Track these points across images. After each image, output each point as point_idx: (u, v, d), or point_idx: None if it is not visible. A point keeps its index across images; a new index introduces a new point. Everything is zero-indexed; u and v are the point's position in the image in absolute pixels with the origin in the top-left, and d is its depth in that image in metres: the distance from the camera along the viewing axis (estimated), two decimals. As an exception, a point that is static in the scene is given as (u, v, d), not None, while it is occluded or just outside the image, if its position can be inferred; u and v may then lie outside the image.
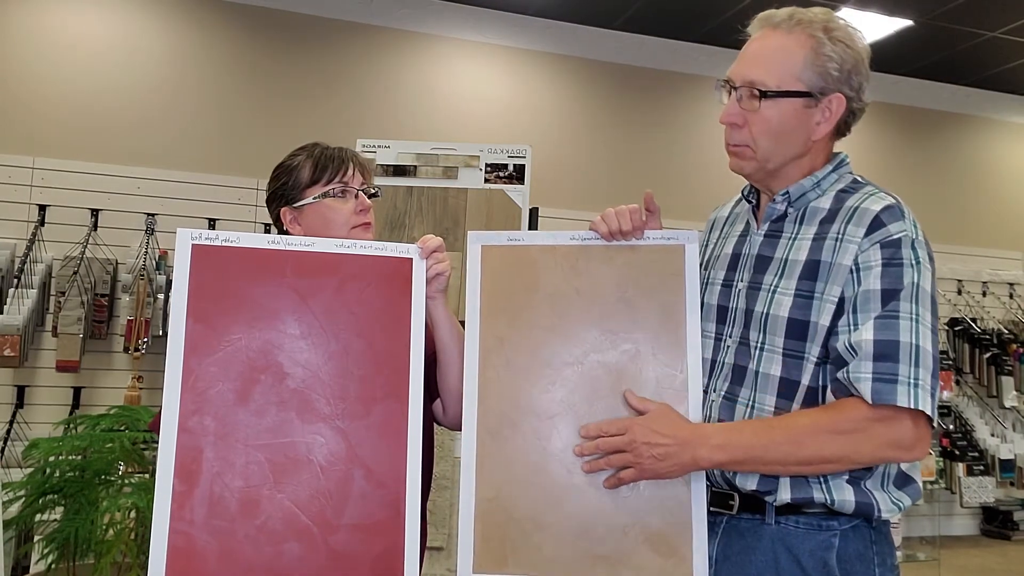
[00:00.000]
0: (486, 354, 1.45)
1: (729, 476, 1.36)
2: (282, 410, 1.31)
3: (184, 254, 1.33)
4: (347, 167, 1.54)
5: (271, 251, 1.36)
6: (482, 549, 1.38)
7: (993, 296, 6.08)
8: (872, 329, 1.24)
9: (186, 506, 1.25)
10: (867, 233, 1.29)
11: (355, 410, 1.33)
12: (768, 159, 1.38)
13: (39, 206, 4.25)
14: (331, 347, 1.35)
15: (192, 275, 1.32)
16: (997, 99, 6.39)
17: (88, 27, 4.51)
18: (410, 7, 5.09)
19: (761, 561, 1.32)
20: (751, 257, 1.42)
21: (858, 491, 1.29)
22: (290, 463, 1.29)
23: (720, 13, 5.17)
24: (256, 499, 1.27)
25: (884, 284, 1.26)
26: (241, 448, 1.28)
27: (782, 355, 1.33)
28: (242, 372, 1.31)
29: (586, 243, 1.48)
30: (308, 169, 1.54)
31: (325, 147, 1.58)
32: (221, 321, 1.31)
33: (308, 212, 1.54)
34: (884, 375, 1.22)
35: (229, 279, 1.33)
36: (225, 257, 1.34)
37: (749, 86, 1.35)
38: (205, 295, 1.32)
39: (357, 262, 1.39)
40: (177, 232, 1.34)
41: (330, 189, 1.53)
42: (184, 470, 1.26)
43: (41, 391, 4.17)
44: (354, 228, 1.51)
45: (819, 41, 1.34)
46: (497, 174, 2.91)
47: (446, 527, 2.46)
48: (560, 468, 1.39)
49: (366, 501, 1.30)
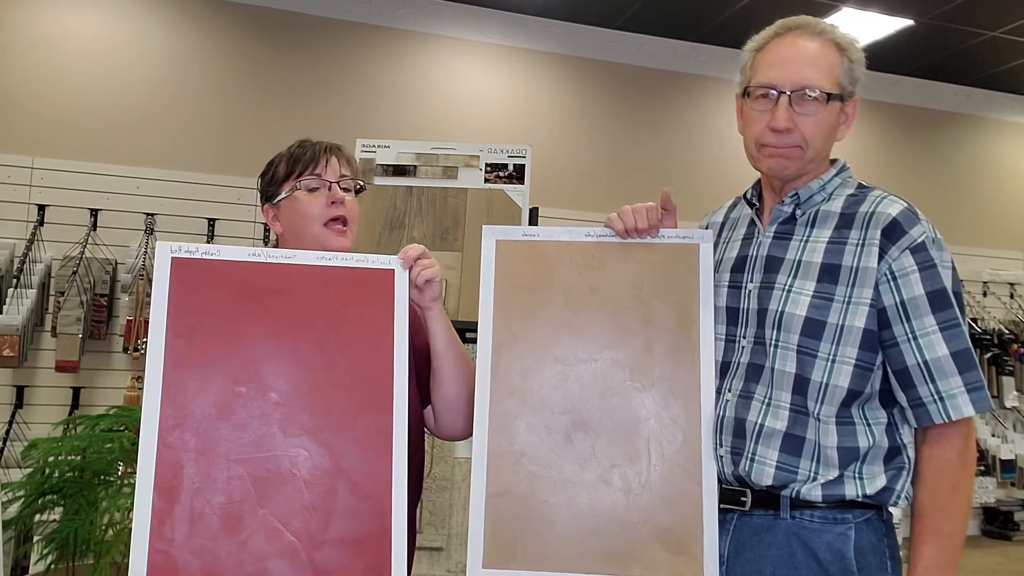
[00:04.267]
0: (499, 349, 1.45)
1: (741, 473, 1.37)
2: (264, 424, 1.28)
3: (164, 268, 1.31)
4: (319, 159, 1.49)
5: (252, 264, 1.34)
6: (492, 545, 1.38)
7: (994, 296, 6.08)
8: (943, 343, 1.31)
9: (166, 523, 1.22)
10: (890, 238, 1.33)
11: (339, 423, 1.30)
12: (813, 159, 1.42)
13: (38, 206, 4.24)
14: (314, 360, 1.32)
15: (172, 289, 1.30)
16: (997, 99, 6.39)
17: (88, 27, 4.50)
18: (410, 7, 5.08)
19: (776, 556, 1.34)
20: (761, 258, 1.44)
21: (888, 476, 1.35)
22: (273, 478, 1.26)
23: (720, 13, 5.16)
24: (238, 515, 1.24)
25: (926, 288, 1.32)
26: (223, 463, 1.26)
27: (796, 352, 1.36)
28: (223, 386, 1.29)
29: (601, 240, 1.48)
30: (284, 163, 1.51)
31: (306, 141, 1.54)
32: (201, 335, 1.29)
33: (284, 207, 1.50)
34: (973, 385, 1.30)
35: (209, 292, 1.31)
36: (205, 270, 1.32)
37: (807, 88, 1.38)
38: (185, 309, 1.30)
39: (339, 274, 1.37)
40: (157, 246, 1.33)
41: (301, 182, 1.48)
42: (164, 486, 1.23)
43: (40, 391, 4.16)
44: (328, 223, 1.46)
45: (847, 49, 1.41)
46: (497, 174, 2.91)
47: (446, 527, 2.46)
48: (571, 464, 1.40)
49: (351, 515, 1.27)
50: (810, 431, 1.35)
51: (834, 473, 1.33)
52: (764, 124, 1.40)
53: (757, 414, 1.38)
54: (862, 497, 1.33)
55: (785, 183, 1.45)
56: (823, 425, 1.34)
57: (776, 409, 1.37)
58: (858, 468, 1.34)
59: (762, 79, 1.41)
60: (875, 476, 1.34)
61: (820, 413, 1.34)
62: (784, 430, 1.36)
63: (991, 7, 4.93)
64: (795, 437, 1.35)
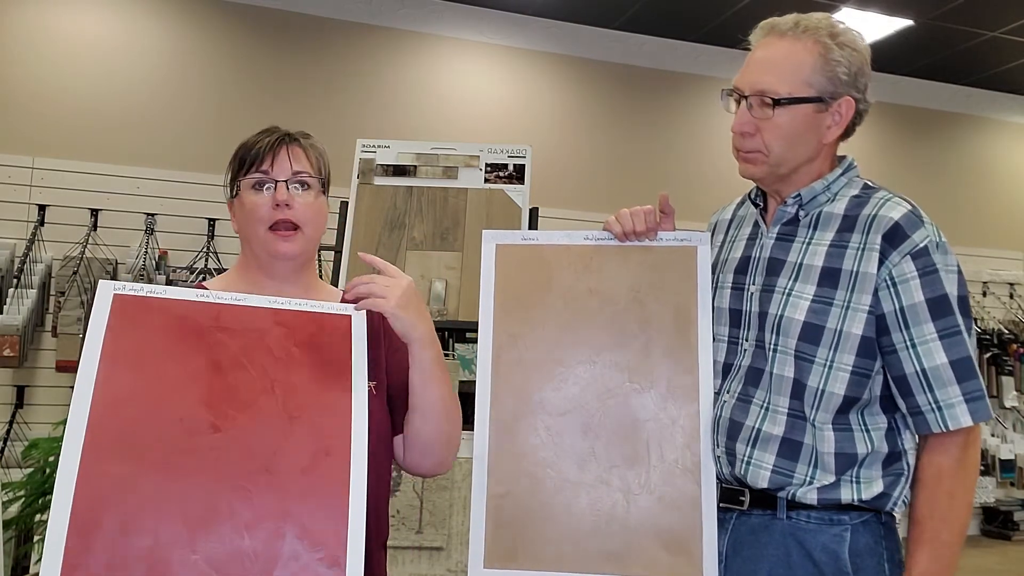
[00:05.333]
0: (499, 351, 1.46)
1: (739, 473, 1.38)
2: (203, 462, 1.14)
3: (104, 305, 1.21)
4: (265, 155, 1.33)
5: (199, 303, 1.24)
6: (493, 544, 1.39)
7: (993, 296, 6.09)
8: (942, 351, 1.29)
9: (80, 567, 1.06)
10: (891, 243, 1.31)
11: (287, 465, 1.17)
12: (780, 164, 1.40)
13: (39, 206, 4.24)
14: (262, 401, 1.20)
15: (110, 325, 1.19)
16: (997, 99, 6.39)
17: (88, 27, 4.50)
18: (410, 7, 5.09)
19: (773, 556, 1.34)
20: (763, 260, 1.44)
21: (886, 481, 1.34)
22: (208, 519, 1.12)
23: (720, 13, 5.16)
24: (166, 560, 1.09)
25: (927, 294, 1.30)
26: (151, 502, 1.11)
27: (794, 357, 1.35)
28: (158, 424, 1.16)
29: (600, 243, 1.49)
30: (236, 156, 1.38)
31: (265, 131, 1.41)
32: (139, 373, 1.18)
33: (236, 205, 1.37)
34: (972, 394, 1.29)
35: (150, 331, 1.21)
36: (148, 308, 1.22)
37: (760, 94, 1.36)
38: (122, 345, 1.19)
39: (292, 316, 1.27)
40: (99, 284, 1.24)
41: (246, 180, 1.33)
42: (81, 524, 1.07)
43: (41, 391, 4.17)
44: (273, 228, 1.30)
45: (827, 47, 1.36)
46: (497, 174, 2.91)
47: (446, 527, 2.46)
48: (571, 464, 1.41)
49: (299, 563, 1.13)
50: (807, 436, 1.34)
51: (831, 478, 1.33)
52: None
53: (755, 418, 1.38)
54: (858, 501, 1.32)
55: (775, 186, 1.44)
56: (819, 431, 1.34)
57: (774, 414, 1.37)
58: (855, 473, 1.33)
59: (734, 81, 1.42)
60: (872, 481, 1.33)
61: (816, 419, 1.34)
62: (782, 435, 1.35)
63: (991, 7, 4.93)
64: (792, 442, 1.35)
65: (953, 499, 1.29)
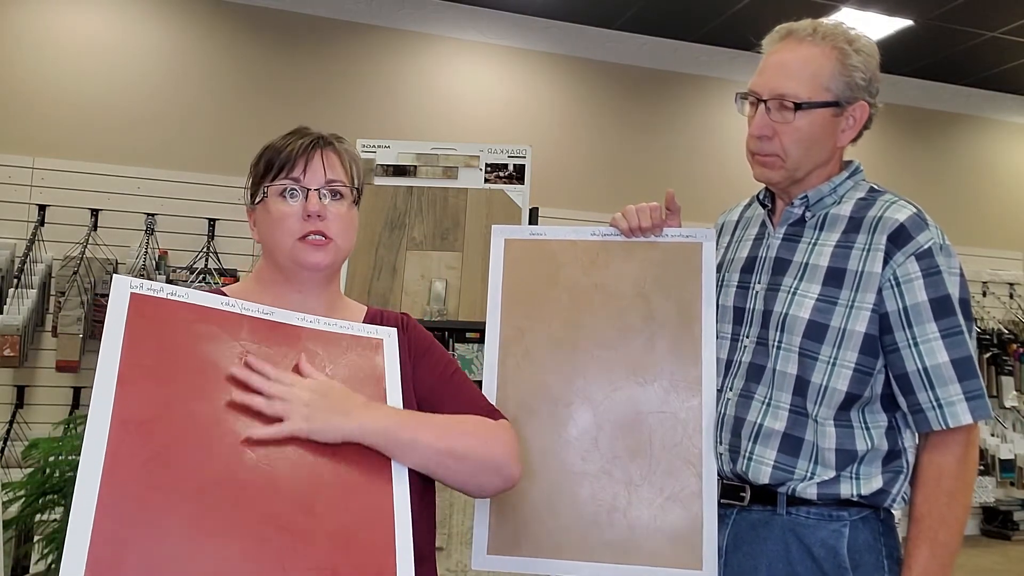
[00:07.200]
0: (506, 343, 1.49)
1: (741, 470, 1.39)
2: (233, 492, 1.00)
3: (120, 306, 1.06)
4: (297, 161, 1.22)
5: (225, 312, 1.12)
6: (496, 532, 1.42)
7: (993, 296, 6.09)
8: (944, 350, 1.30)
9: None
10: (896, 244, 1.33)
11: (329, 495, 1.05)
12: (797, 168, 1.42)
13: (39, 206, 4.24)
14: None
15: (129, 331, 1.04)
16: (997, 99, 6.39)
17: (88, 27, 4.50)
18: (410, 7, 5.09)
19: (772, 550, 1.36)
20: (769, 260, 1.46)
21: (885, 478, 1.35)
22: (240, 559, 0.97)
23: (720, 13, 5.17)
24: None
25: (930, 294, 1.31)
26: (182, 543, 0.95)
27: (798, 354, 1.37)
28: (186, 451, 1.00)
29: (606, 239, 1.52)
30: (263, 159, 1.25)
31: (296, 131, 1.29)
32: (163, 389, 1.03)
33: (259, 212, 1.25)
34: (972, 393, 1.30)
35: (173, 340, 1.07)
36: (170, 313, 1.08)
37: (780, 98, 1.38)
38: (143, 357, 1.04)
39: (324, 338, 1.18)
40: (113, 279, 1.09)
41: (273, 187, 1.22)
42: (99, 568, 0.90)
43: (41, 391, 4.16)
44: (303, 240, 1.19)
45: (844, 52, 1.39)
46: (497, 174, 2.91)
47: (446, 527, 2.47)
48: (574, 455, 1.44)
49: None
50: (808, 432, 1.36)
51: (831, 473, 1.35)
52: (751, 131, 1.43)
53: (757, 414, 1.40)
54: (857, 497, 1.34)
55: (788, 189, 1.46)
56: (821, 427, 1.36)
57: (776, 410, 1.38)
58: (855, 469, 1.35)
59: (750, 85, 1.43)
60: (871, 477, 1.35)
61: (818, 415, 1.36)
62: (783, 431, 1.37)
63: (991, 7, 4.93)
64: (793, 438, 1.37)
65: (952, 498, 1.30)
